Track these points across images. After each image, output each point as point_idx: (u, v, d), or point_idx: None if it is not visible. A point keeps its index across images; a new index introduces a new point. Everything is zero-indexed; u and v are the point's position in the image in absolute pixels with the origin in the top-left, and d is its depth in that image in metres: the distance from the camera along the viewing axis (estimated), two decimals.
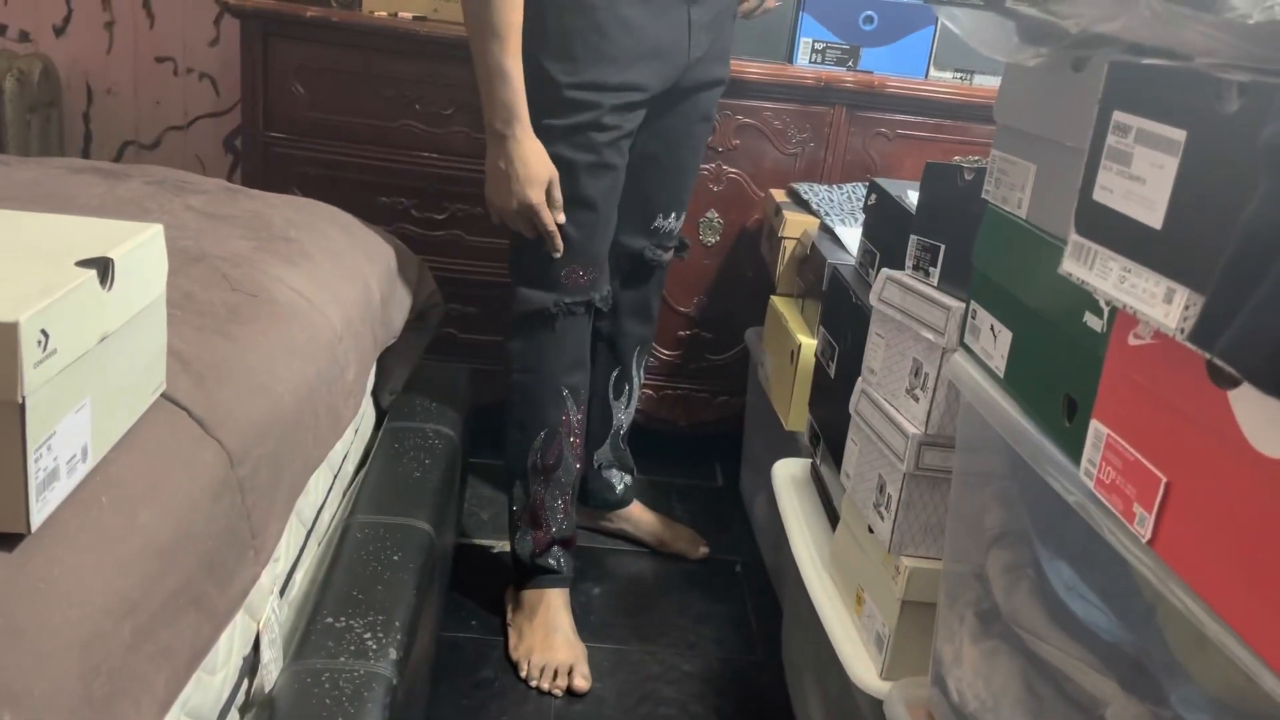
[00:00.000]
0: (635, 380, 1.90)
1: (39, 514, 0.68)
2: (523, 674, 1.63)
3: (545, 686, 1.61)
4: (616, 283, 1.78)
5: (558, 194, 1.52)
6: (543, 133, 1.51)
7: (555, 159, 1.53)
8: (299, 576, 1.23)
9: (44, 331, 0.65)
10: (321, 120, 2.02)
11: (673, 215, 1.78)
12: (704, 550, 2.00)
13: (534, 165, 1.49)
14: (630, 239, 1.75)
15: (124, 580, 0.73)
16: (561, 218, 1.54)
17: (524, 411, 1.68)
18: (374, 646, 1.12)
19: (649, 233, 1.77)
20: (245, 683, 1.01)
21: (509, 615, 1.73)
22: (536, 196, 1.50)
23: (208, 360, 1.00)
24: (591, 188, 1.56)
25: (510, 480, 1.72)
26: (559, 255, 1.57)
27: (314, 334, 1.23)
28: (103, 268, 0.73)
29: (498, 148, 1.49)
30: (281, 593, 1.14)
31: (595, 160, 1.55)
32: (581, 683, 1.62)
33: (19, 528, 0.67)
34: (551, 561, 1.71)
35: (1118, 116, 0.68)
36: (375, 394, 1.64)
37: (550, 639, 1.66)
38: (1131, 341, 0.70)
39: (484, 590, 1.81)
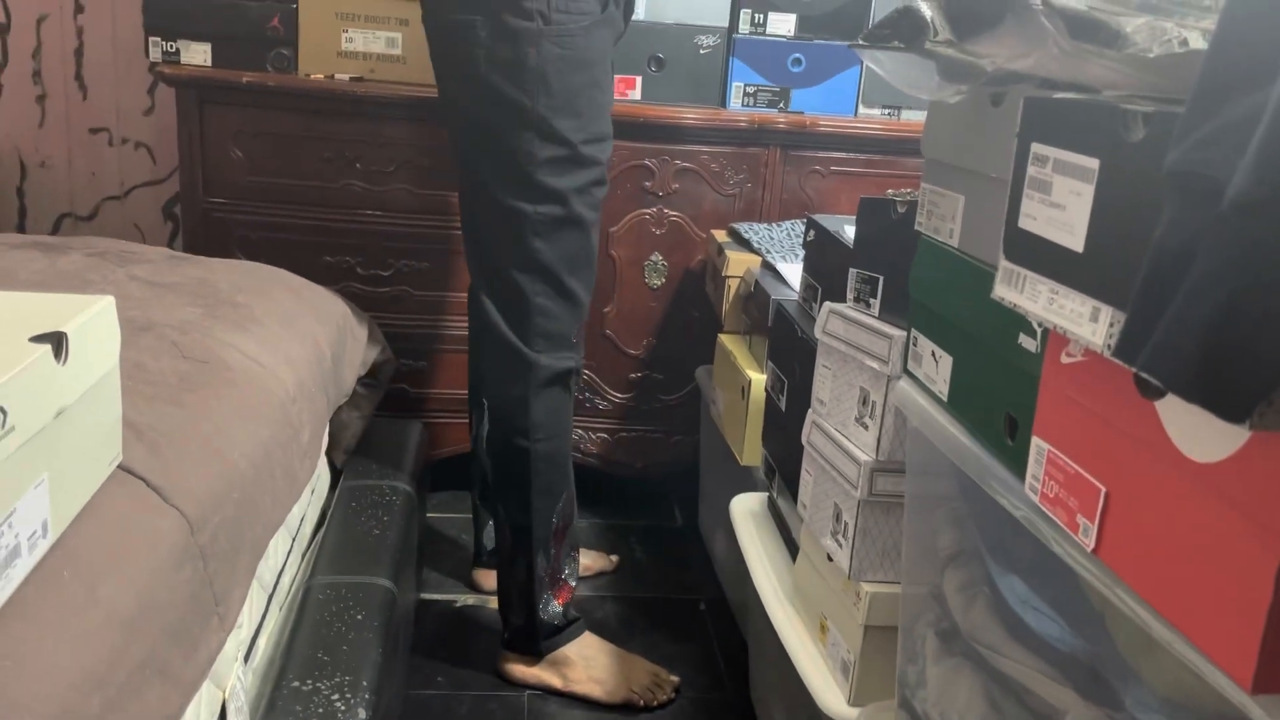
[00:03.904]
0: None
1: (2, 593, 0.68)
2: (642, 704, 1.67)
3: (664, 697, 1.68)
4: None
5: None
6: (555, 196, 1.49)
7: (571, 222, 1.51)
8: (262, 642, 1.22)
9: (2, 409, 0.65)
10: (261, 184, 2.02)
11: None
12: (614, 558, 2.08)
13: None
14: None
15: (89, 654, 0.72)
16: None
17: (550, 478, 1.62)
18: (342, 708, 1.12)
19: None
20: None
21: (557, 684, 1.69)
22: None
23: (162, 429, 1.00)
24: (595, 244, 1.57)
25: (529, 550, 1.64)
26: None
27: (267, 397, 1.23)
28: (56, 342, 0.74)
29: None
30: (246, 659, 1.13)
31: (597, 217, 1.56)
32: (673, 678, 1.72)
33: None
34: (574, 611, 1.72)
35: (1036, 148, 0.72)
36: (329, 453, 1.64)
37: (626, 663, 1.71)
38: (1064, 360, 0.73)
39: (448, 646, 1.80)
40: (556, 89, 1.46)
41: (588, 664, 1.69)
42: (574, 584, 1.72)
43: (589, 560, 2.04)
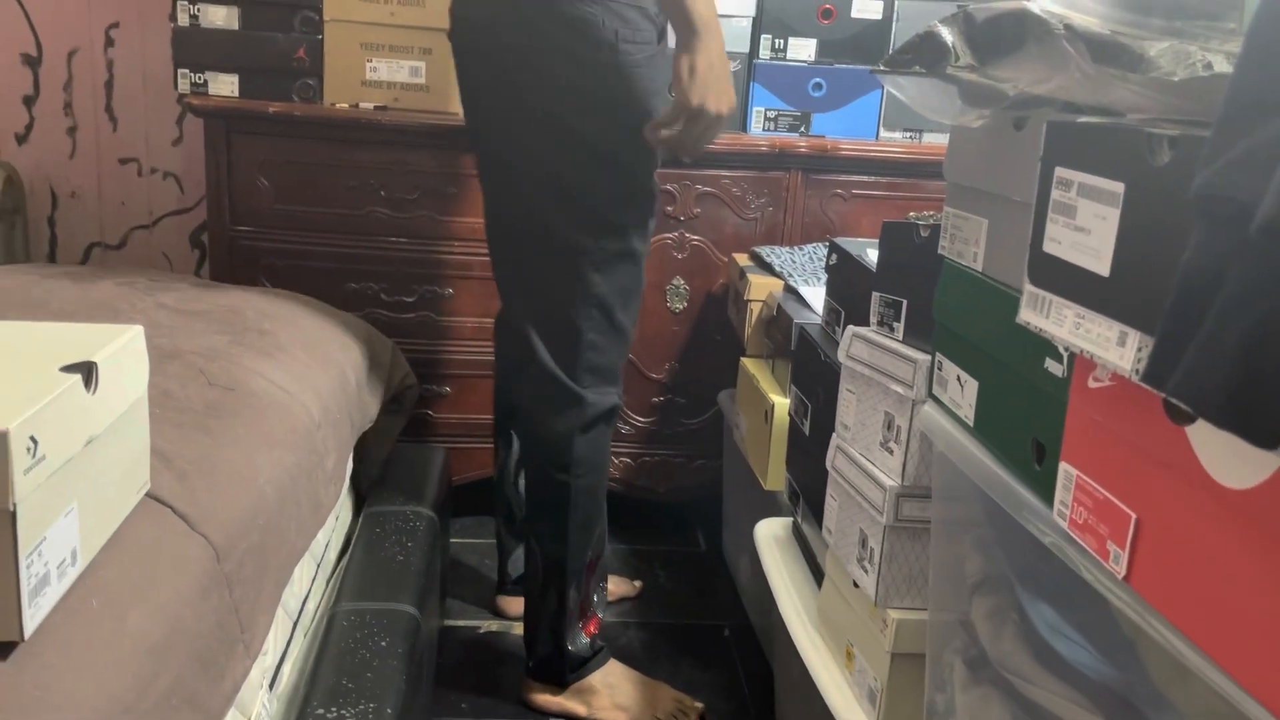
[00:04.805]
0: None
1: (32, 621, 0.68)
2: None
3: None
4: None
5: None
6: (618, 231, 1.46)
7: (628, 256, 1.48)
8: (287, 669, 1.22)
9: (33, 438, 0.65)
10: (287, 212, 2.04)
11: None
12: (637, 584, 2.05)
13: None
14: None
15: (117, 683, 0.73)
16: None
17: (589, 512, 1.61)
18: None
19: None
20: None
21: (581, 712, 1.68)
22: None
23: (189, 456, 1.01)
24: (642, 279, 1.54)
25: (562, 582, 1.62)
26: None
27: (292, 424, 1.23)
28: (87, 372, 0.74)
29: (711, 41, 1.34)
30: (271, 687, 1.13)
31: (647, 250, 1.53)
32: (698, 705, 1.69)
33: (12, 636, 0.67)
34: (600, 641, 1.71)
35: (1060, 172, 0.72)
36: (354, 479, 1.64)
37: (651, 690, 1.69)
38: (1092, 384, 0.73)
39: (473, 672, 1.80)
40: (623, 121, 1.43)
41: (612, 692, 1.68)
42: (601, 615, 1.71)
43: (612, 585, 2.04)
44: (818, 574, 1.41)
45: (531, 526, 1.63)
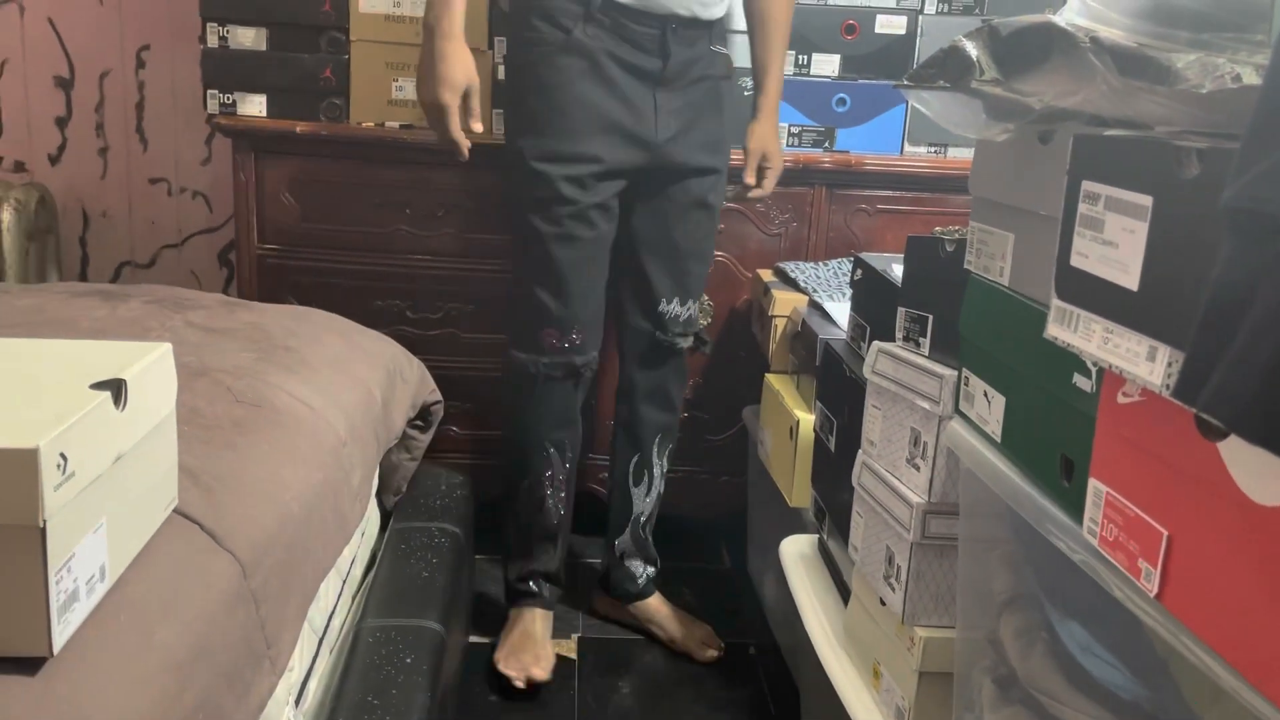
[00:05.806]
0: (656, 469, 1.92)
1: (60, 636, 0.69)
2: (500, 669, 1.76)
3: (511, 674, 1.75)
4: (633, 366, 1.86)
5: (475, 103, 1.59)
6: (515, 207, 1.70)
7: (530, 235, 1.68)
8: (313, 685, 1.22)
9: (63, 455, 0.66)
10: (314, 230, 2.06)
11: (676, 301, 1.82)
12: (712, 654, 1.92)
13: (453, 66, 1.55)
14: (637, 321, 1.83)
15: (144, 698, 0.73)
16: (478, 126, 1.61)
17: (510, 459, 1.84)
18: None
19: (654, 317, 1.81)
20: None
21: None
22: (447, 98, 1.56)
23: (216, 473, 1.01)
24: (559, 257, 1.68)
25: (505, 511, 1.85)
26: (464, 159, 1.65)
27: (318, 441, 1.24)
28: (116, 389, 0.75)
29: (427, 40, 1.57)
30: (297, 703, 1.13)
31: (560, 231, 1.67)
32: (539, 673, 1.76)
33: (41, 651, 0.68)
34: (533, 585, 1.86)
35: (1087, 185, 0.71)
36: (379, 495, 1.65)
37: (523, 643, 1.81)
38: (1121, 400, 0.72)
39: (497, 689, 1.79)
40: (524, 111, 1.67)
41: (509, 629, 1.84)
42: (540, 569, 1.85)
43: (689, 641, 1.93)
44: (844, 592, 1.40)
45: None
